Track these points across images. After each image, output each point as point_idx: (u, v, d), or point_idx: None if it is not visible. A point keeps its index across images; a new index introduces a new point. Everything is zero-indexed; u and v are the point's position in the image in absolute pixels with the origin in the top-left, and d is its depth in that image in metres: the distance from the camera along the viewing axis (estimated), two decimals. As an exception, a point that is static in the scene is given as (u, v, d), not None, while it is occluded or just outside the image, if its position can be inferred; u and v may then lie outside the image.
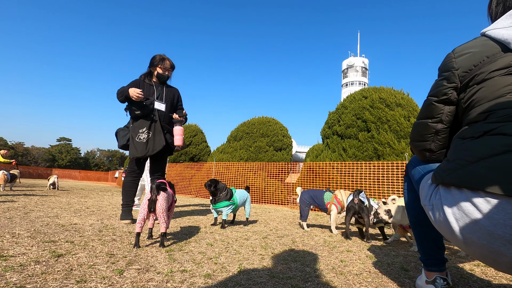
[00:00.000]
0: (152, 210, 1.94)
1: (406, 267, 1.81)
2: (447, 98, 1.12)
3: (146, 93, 3.15)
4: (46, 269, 1.36)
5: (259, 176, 8.74)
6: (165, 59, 3.31)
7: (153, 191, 1.94)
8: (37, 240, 1.93)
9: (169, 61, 3.34)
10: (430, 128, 1.19)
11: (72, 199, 5.25)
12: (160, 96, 3.27)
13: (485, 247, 0.81)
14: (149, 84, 3.25)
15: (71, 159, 62.82)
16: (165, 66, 3.30)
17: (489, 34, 1.03)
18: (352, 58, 75.50)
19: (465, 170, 0.88)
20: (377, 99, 7.81)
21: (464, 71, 1.05)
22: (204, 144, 14.15)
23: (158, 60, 3.29)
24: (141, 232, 1.95)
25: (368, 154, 7.38)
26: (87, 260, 1.55)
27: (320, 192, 3.32)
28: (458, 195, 0.89)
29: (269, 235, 2.71)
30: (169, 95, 3.35)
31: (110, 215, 3.43)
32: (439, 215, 0.98)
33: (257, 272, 1.54)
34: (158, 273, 1.43)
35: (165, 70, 3.30)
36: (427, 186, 1.14)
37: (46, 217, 2.93)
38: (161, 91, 3.29)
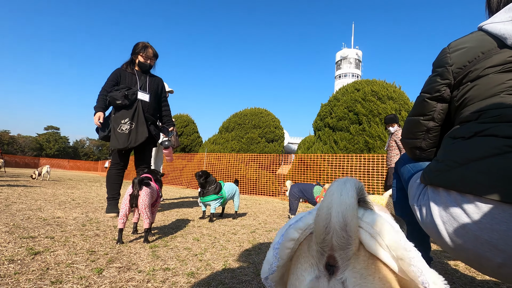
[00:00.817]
0: (134, 205, 1.87)
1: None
2: (440, 95, 1.08)
3: (128, 83, 3.04)
4: (20, 269, 1.30)
5: (250, 168, 8.72)
6: (147, 47, 3.16)
7: (135, 186, 1.87)
8: (15, 236, 1.85)
9: (152, 49, 3.19)
10: (421, 126, 1.16)
11: (58, 190, 5.12)
12: (144, 86, 3.15)
13: (471, 251, 0.79)
14: (131, 74, 3.12)
15: (59, 148, 61.57)
16: (147, 54, 3.15)
17: (486, 29, 0.98)
18: (346, 50, 75.29)
19: (454, 172, 0.85)
20: (369, 92, 7.80)
21: (458, 67, 1.01)
22: (196, 134, 14.01)
23: (140, 48, 3.14)
24: (123, 228, 1.89)
25: (359, 146, 7.42)
26: (66, 258, 1.49)
27: (309, 186, 3.31)
28: (446, 198, 0.86)
29: (258, 229, 2.69)
30: (153, 85, 3.24)
31: (96, 207, 3.35)
32: (427, 217, 0.96)
33: (242, 270, 1.51)
34: (140, 272, 1.38)
35: (147, 58, 3.16)
36: (415, 186, 1.12)
37: (28, 210, 2.83)
38: (144, 81, 3.16)
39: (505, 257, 0.72)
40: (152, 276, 1.34)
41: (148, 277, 1.33)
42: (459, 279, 1.57)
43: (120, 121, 2.94)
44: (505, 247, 0.71)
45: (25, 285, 1.13)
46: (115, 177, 3.08)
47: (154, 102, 3.25)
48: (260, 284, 1.32)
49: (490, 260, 0.76)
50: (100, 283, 1.22)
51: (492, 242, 0.74)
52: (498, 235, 0.73)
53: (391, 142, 4.86)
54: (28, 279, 1.20)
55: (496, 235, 0.73)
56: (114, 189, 3.04)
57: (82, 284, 1.19)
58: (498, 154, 0.77)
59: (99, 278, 1.27)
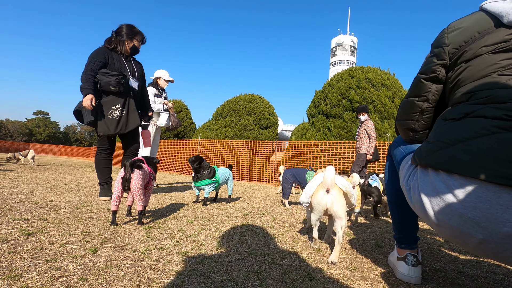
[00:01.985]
0: (127, 188, 1.88)
1: (380, 243, 1.88)
2: (436, 75, 1.08)
3: (117, 67, 2.93)
4: (14, 248, 1.30)
5: (244, 154, 8.74)
6: (140, 32, 3.13)
7: (127, 169, 1.86)
8: (7, 218, 1.85)
9: (143, 34, 3.16)
10: (416, 107, 1.17)
11: (50, 175, 5.08)
12: (133, 72, 3.10)
13: (455, 228, 0.82)
14: (119, 56, 3.01)
15: (49, 133, 60.40)
16: (142, 39, 3.15)
17: (485, 8, 0.97)
18: (341, 36, 74.44)
19: (443, 152, 0.87)
20: (363, 79, 7.80)
21: (454, 47, 1.01)
22: (189, 120, 13.89)
23: (137, 32, 3.08)
24: (117, 211, 1.90)
25: (352, 133, 7.48)
26: (60, 239, 1.51)
27: (302, 171, 3.35)
28: (434, 177, 0.89)
29: (251, 213, 2.74)
30: (139, 71, 3.23)
31: (89, 191, 3.34)
32: (415, 196, 0.99)
33: (235, 250, 1.55)
34: (134, 251, 1.40)
35: (139, 44, 3.15)
36: (407, 167, 1.14)
37: (20, 194, 2.82)
38: (131, 67, 3.11)
39: (486, 233, 0.76)
40: (146, 255, 1.36)
41: (143, 256, 1.35)
42: (443, 258, 1.64)
43: (111, 107, 2.88)
44: (487, 224, 0.75)
45: (19, 263, 1.14)
46: (105, 162, 3.06)
47: (140, 88, 3.23)
48: (253, 262, 1.36)
49: (472, 237, 0.80)
50: (95, 261, 1.24)
51: (475, 219, 0.77)
52: (481, 213, 0.76)
53: (361, 130, 5.09)
54: (23, 257, 1.21)
55: (479, 213, 0.76)
56: (105, 173, 3.03)
57: (77, 263, 1.20)
58: (486, 134, 0.79)
59: (94, 257, 1.29)
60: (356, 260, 1.52)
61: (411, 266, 1.25)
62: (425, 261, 1.56)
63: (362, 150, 5.00)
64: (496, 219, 0.72)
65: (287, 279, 1.18)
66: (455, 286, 1.23)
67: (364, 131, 5.02)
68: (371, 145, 4.93)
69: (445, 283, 1.26)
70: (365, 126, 5.02)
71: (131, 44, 3.06)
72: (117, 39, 3.01)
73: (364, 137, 5.03)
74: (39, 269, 1.11)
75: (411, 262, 1.26)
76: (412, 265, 1.25)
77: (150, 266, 1.23)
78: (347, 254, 1.61)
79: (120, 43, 3.02)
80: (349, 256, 1.57)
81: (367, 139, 4.99)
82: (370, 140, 4.94)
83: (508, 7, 0.88)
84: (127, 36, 3.05)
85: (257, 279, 1.17)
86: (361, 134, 5.08)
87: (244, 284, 1.11)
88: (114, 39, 3.00)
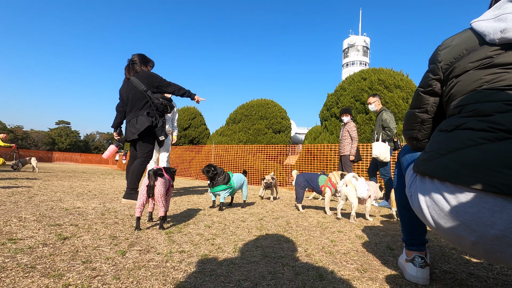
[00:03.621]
0: (150, 195, 2.03)
1: (392, 246, 1.93)
2: (432, 89, 1.17)
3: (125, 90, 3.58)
4: (54, 251, 1.46)
5: (258, 158, 8.85)
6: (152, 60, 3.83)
7: (151, 177, 2.02)
8: (43, 223, 2.03)
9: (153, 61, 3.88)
10: (417, 118, 1.26)
11: (74, 183, 5.37)
12: None
13: (451, 231, 0.89)
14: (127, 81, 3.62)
15: (71, 142, 62.89)
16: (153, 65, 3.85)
17: (472, 26, 1.06)
18: (353, 37, 73.70)
19: (436, 161, 0.95)
20: (376, 81, 7.76)
21: (446, 63, 1.09)
22: (203, 126, 14.17)
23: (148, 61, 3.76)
24: (140, 216, 2.05)
25: (366, 136, 7.44)
26: (92, 242, 1.66)
27: (315, 175, 3.42)
28: (430, 185, 0.96)
29: (265, 217, 2.83)
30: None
31: (112, 198, 3.54)
32: (416, 202, 1.06)
33: (251, 252, 1.64)
34: (158, 254, 1.53)
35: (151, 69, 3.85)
36: (410, 175, 1.22)
37: (50, 201, 3.03)
38: None
39: (477, 235, 0.82)
40: (170, 257, 1.48)
41: (166, 258, 1.47)
42: (454, 260, 1.67)
43: None
44: (476, 227, 0.82)
45: (60, 264, 1.29)
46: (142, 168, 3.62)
47: None
48: (268, 264, 1.45)
49: (466, 239, 0.86)
50: (125, 263, 1.37)
51: (466, 223, 0.84)
52: (470, 217, 0.83)
53: (344, 132, 5.25)
54: (62, 259, 1.36)
55: (469, 216, 0.83)
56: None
57: (109, 264, 1.34)
58: (473, 145, 0.86)
59: (123, 259, 1.42)
60: (366, 262, 1.58)
61: (418, 268, 1.31)
62: (435, 263, 1.60)
63: (345, 152, 5.16)
64: (484, 223, 0.79)
65: (299, 279, 1.27)
66: (463, 287, 1.27)
67: (347, 132, 5.16)
68: (353, 146, 5.06)
69: (454, 284, 1.30)
70: (348, 127, 5.15)
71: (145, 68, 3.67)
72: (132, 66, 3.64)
73: (347, 138, 5.17)
74: (77, 269, 1.25)
75: (419, 263, 1.31)
76: (420, 266, 1.31)
77: (173, 267, 1.35)
78: (358, 256, 1.68)
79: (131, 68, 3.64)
80: (360, 258, 1.64)
81: (349, 141, 5.13)
82: (352, 141, 5.08)
83: (490, 27, 0.95)
84: (145, 63, 3.68)
85: (272, 279, 1.26)
86: (344, 136, 5.23)
87: (260, 284, 1.21)
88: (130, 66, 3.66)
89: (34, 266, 1.26)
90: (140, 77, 3.52)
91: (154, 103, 3.50)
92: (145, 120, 3.38)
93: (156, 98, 3.52)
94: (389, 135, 4.45)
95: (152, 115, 3.48)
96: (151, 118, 3.43)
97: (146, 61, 3.71)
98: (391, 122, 4.46)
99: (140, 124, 3.39)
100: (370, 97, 4.93)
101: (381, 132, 4.54)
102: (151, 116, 3.45)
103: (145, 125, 3.35)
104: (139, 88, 3.47)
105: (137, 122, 3.42)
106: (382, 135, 4.51)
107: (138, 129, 3.38)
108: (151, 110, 3.49)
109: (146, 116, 3.40)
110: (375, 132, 4.72)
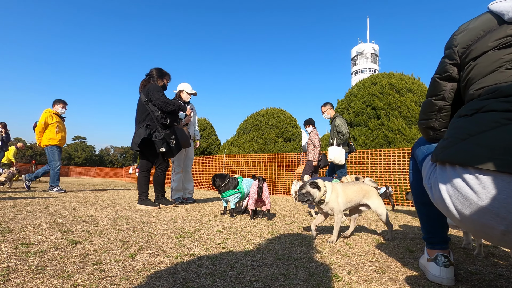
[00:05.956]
0: (260, 195, 2.81)
1: (411, 248, 1.83)
2: (449, 75, 1.13)
3: None
4: (65, 254, 1.45)
5: (269, 167, 8.78)
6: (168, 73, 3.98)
7: (260, 181, 2.86)
8: (56, 230, 2.04)
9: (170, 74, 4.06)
10: (433, 105, 1.21)
11: (89, 194, 5.45)
12: None
13: (477, 221, 0.83)
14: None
15: (86, 156, 64.55)
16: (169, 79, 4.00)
17: (490, 9, 1.02)
18: (362, 45, 73.68)
19: (457, 147, 0.89)
20: (386, 85, 7.65)
21: (462, 47, 1.05)
22: (214, 137, 14.26)
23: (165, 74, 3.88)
24: (254, 209, 2.95)
25: (379, 141, 7.29)
26: (102, 246, 1.64)
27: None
28: (451, 172, 0.90)
29: (277, 222, 2.76)
30: None
31: (124, 207, 3.56)
32: (436, 193, 1.00)
33: (263, 255, 1.59)
34: (168, 257, 1.50)
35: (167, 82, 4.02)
36: (428, 166, 1.16)
37: (64, 210, 3.07)
38: None
39: (508, 224, 0.76)
40: (179, 260, 1.45)
41: (176, 260, 1.44)
42: (481, 262, 1.56)
43: None
44: (506, 214, 0.75)
45: (70, 266, 1.28)
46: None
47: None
48: (280, 266, 1.40)
49: (495, 228, 0.80)
50: (134, 265, 1.34)
51: (494, 210, 0.77)
52: (499, 204, 0.76)
53: (308, 141, 5.69)
54: (72, 262, 1.35)
55: (497, 203, 0.77)
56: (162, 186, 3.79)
57: (119, 266, 1.32)
58: (497, 127, 0.81)
59: (133, 261, 1.40)
60: (385, 263, 1.50)
61: (442, 267, 1.22)
62: (460, 264, 1.50)
63: (309, 158, 5.56)
64: None
65: (314, 280, 1.21)
66: None
67: (310, 141, 5.59)
68: (316, 153, 5.42)
69: (481, 285, 1.21)
70: (311, 136, 5.61)
71: (161, 83, 3.76)
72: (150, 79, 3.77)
73: (310, 146, 5.57)
74: (86, 271, 1.23)
75: (442, 262, 1.23)
76: (443, 266, 1.22)
77: (183, 269, 1.31)
78: (375, 258, 1.59)
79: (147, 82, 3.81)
80: (378, 260, 1.55)
81: (313, 148, 5.51)
82: (315, 148, 5.46)
83: (508, 5, 0.91)
84: (161, 76, 3.77)
85: (284, 280, 1.21)
86: (309, 144, 5.66)
87: (272, 284, 1.15)
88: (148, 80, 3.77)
89: (44, 268, 1.25)
90: (144, 90, 3.61)
91: (155, 115, 3.53)
92: (142, 132, 3.44)
93: (156, 110, 3.53)
94: (342, 139, 4.82)
95: (152, 127, 3.50)
96: (149, 130, 3.46)
97: (163, 75, 3.80)
98: (343, 127, 4.85)
99: (137, 136, 3.48)
100: (321, 106, 5.36)
101: (336, 137, 4.91)
102: (150, 128, 3.48)
103: (140, 137, 3.41)
104: (142, 100, 3.57)
105: (136, 134, 3.52)
106: (336, 139, 4.87)
107: (135, 141, 3.46)
108: (151, 122, 3.53)
109: (144, 128, 3.45)
110: (331, 138, 5.12)
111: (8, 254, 1.42)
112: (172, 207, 3.68)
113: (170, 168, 4.60)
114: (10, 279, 1.10)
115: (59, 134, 5.93)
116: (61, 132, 5.98)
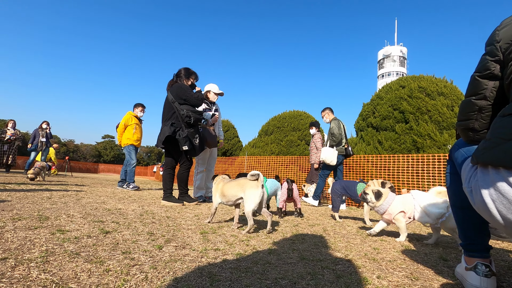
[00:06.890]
0: (290, 195, 3.09)
1: (445, 257, 1.72)
2: (490, 72, 1.06)
3: None
4: (97, 242, 1.52)
5: (290, 170, 8.70)
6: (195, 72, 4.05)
7: (289, 183, 3.15)
8: (88, 220, 2.14)
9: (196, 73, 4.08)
10: (473, 105, 1.14)
11: (116, 189, 5.68)
12: None
13: None
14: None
15: (114, 154, 67.58)
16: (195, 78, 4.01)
17: None
18: (389, 48, 71.33)
19: (500, 148, 0.83)
20: (416, 88, 7.35)
21: (506, 42, 0.99)
22: (236, 139, 14.39)
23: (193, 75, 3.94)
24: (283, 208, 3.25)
25: (406, 146, 6.99)
26: (131, 237, 1.70)
27: (352, 183, 3.25)
28: (494, 175, 0.84)
29: (300, 224, 2.72)
30: None
31: (149, 202, 3.67)
32: (477, 197, 0.93)
33: (287, 254, 1.57)
34: (194, 250, 1.52)
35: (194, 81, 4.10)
36: (468, 169, 1.09)
37: (95, 203, 3.22)
38: None
39: None
40: (205, 254, 1.46)
41: (201, 254, 1.46)
42: (525, 275, 1.44)
43: None
44: None
45: (102, 253, 1.33)
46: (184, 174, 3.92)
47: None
48: (306, 266, 1.37)
49: None
50: (162, 255, 1.37)
51: None
52: None
53: (311, 143, 5.81)
54: (104, 249, 1.40)
55: None
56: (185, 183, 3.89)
57: (147, 255, 1.35)
58: None
59: (160, 252, 1.43)
60: (417, 270, 1.42)
61: (482, 277, 1.13)
62: (501, 276, 1.39)
63: (311, 161, 5.66)
64: None
65: (341, 282, 1.17)
66: (541, 302, 1.08)
67: (313, 144, 5.67)
68: (317, 155, 5.48)
69: (528, 299, 1.11)
70: (314, 139, 5.70)
71: (189, 82, 3.84)
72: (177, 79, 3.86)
73: (313, 149, 5.66)
74: (117, 258, 1.27)
75: (482, 272, 1.14)
76: (484, 275, 1.14)
77: (208, 263, 1.32)
78: (406, 264, 1.52)
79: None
80: (409, 266, 1.48)
81: (316, 150, 5.58)
82: (318, 151, 5.54)
83: None
84: (185, 76, 3.83)
85: (311, 279, 1.18)
86: (312, 147, 5.75)
87: (299, 283, 1.13)
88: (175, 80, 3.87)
89: (79, 253, 1.31)
90: (172, 89, 3.70)
91: (180, 114, 3.60)
92: (166, 130, 3.52)
93: (182, 109, 3.59)
94: (335, 140, 4.91)
95: (177, 125, 3.57)
96: (174, 128, 3.53)
97: (189, 74, 3.88)
98: (335, 129, 4.94)
99: (162, 134, 3.57)
100: (321, 111, 5.43)
101: (329, 138, 5.02)
102: (175, 127, 3.54)
103: (165, 134, 3.49)
104: (169, 99, 3.66)
105: (161, 132, 3.62)
106: (329, 141, 4.98)
107: (160, 139, 3.56)
108: (177, 120, 3.60)
109: (169, 126, 3.52)
110: (326, 139, 5.22)
111: (46, 239, 1.50)
112: (195, 205, 3.75)
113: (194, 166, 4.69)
114: (48, 261, 1.17)
115: (136, 135, 6.35)
116: (137, 133, 6.40)
